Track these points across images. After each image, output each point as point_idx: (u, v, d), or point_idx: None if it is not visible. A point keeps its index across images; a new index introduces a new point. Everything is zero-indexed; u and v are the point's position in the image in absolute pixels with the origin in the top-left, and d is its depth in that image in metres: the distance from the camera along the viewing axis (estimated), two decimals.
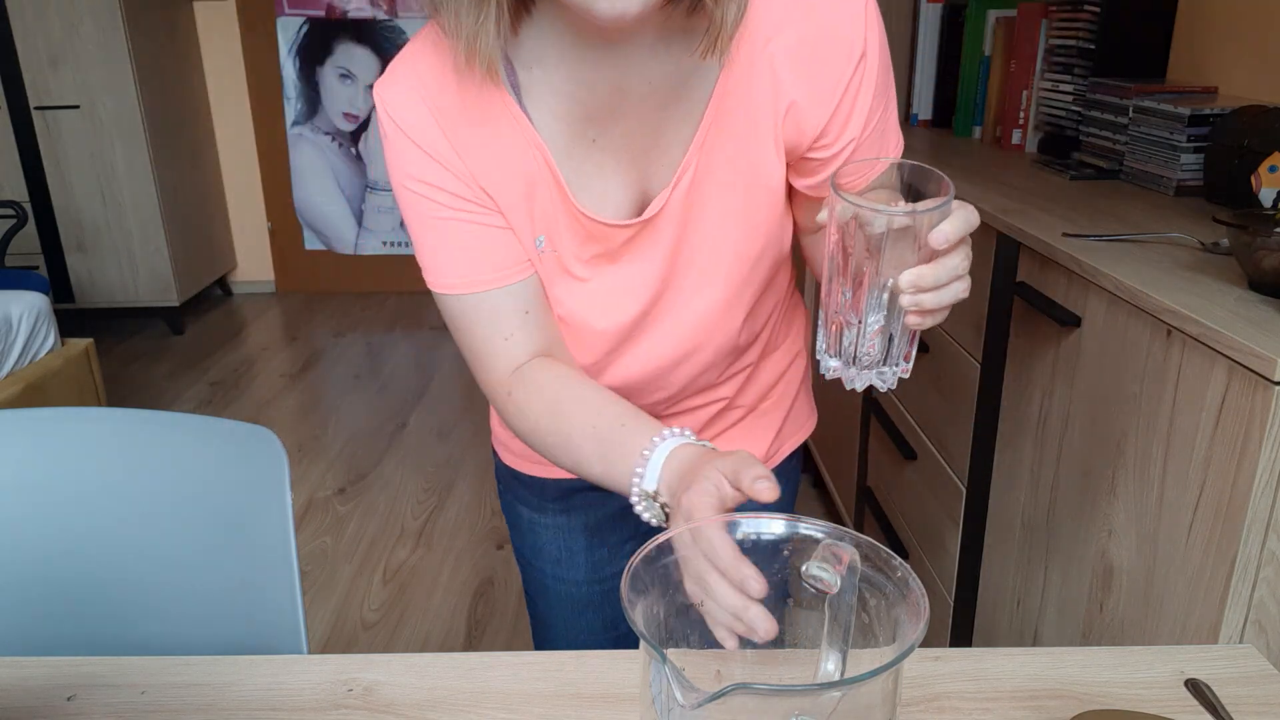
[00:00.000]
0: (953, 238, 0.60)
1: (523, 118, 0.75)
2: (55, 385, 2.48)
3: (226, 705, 0.69)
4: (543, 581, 1.06)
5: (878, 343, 0.66)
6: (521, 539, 1.07)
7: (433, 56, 0.74)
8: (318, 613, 2.19)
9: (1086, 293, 1.14)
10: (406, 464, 2.88)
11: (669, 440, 0.69)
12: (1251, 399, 0.86)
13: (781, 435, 1.03)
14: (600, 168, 0.78)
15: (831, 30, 0.73)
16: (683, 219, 0.79)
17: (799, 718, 0.48)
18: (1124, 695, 0.69)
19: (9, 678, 0.72)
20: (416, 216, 0.78)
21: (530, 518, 1.04)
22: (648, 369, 0.88)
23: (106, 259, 3.83)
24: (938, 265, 0.62)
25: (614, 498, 1.01)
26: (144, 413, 0.93)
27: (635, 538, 1.04)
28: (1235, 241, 1.02)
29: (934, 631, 1.65)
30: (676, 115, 0.76)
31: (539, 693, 0.70)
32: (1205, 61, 1.68)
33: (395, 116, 0.75)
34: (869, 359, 0.67)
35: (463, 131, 0.75)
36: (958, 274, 0.63)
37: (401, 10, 4.06)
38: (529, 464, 1.00)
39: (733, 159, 0.77)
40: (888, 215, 0.61)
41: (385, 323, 4.14)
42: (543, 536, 1.04)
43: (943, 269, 0.62)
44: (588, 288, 0.82)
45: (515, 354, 0.80)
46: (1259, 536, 0.89)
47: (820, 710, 0.48)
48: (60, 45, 3.55)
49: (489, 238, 0.78)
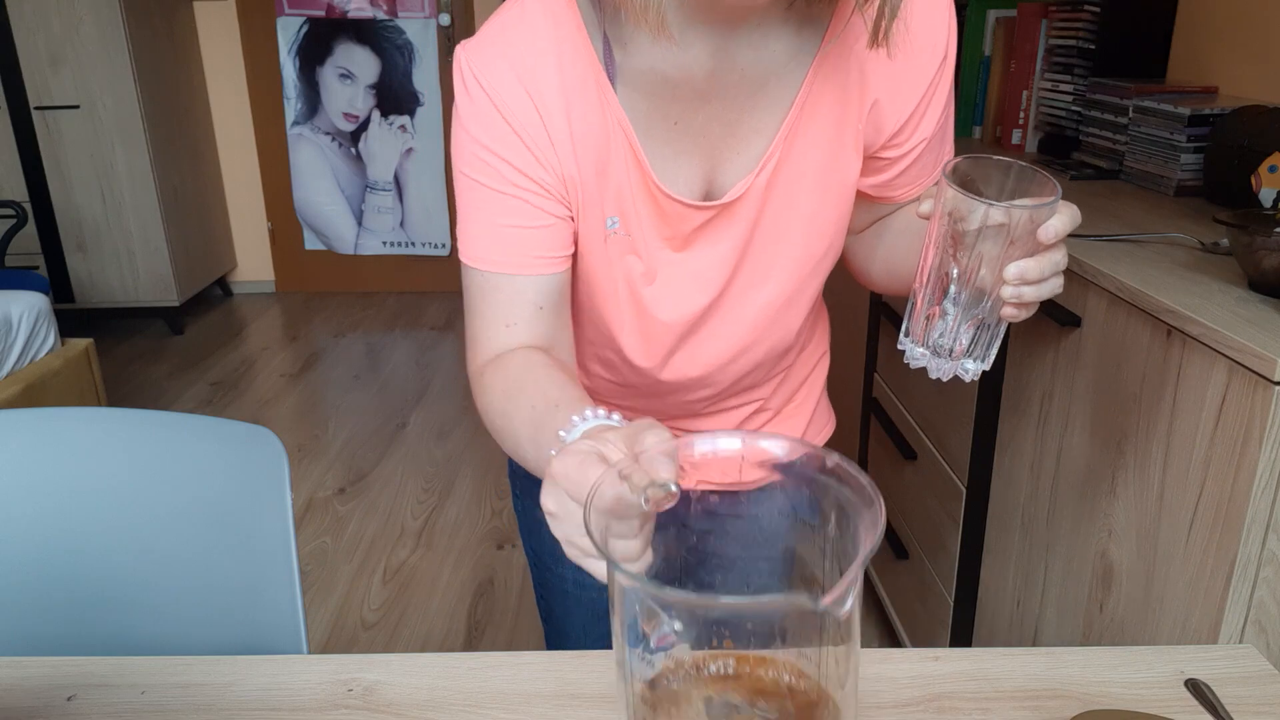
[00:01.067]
0: (1062, 233, 0.63)
1: (612, 95, 0.74)
2: (55, 385, 2.48)
3: (226, 705, 0.69)
4: (562, 587, 1.04)
5: (967, 336, 0.67)
6: (540, 543, 1.04)
7: (525, 26, 0.74)
8: (318, 613, 2.19)
9: (1086, 293, 1.14)
10: (406, 464, 2.88)
11: (589, 421, 0.65)
12: (1251, 399, 0.86)
13: (805, 437, 1.03)
14: (676, 151, 0.77)
15: (921, 31, 0.74)
16: (759, 208, 0.79)
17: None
18: (1124, 695, 0.69)
19: (9, 678, 0.72)
20: (470, 184, 0.77)
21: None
22: (706, 366, 0.88)
23: (106, 259, 3.83)
24: (1042, 259, 0.63)
25: None
26: (144, 413, 0.93)
27: (658, 547, 1.03)
28: (1235, 241, 1.02)
29: (934, 631, 1.65)
30: (762, 105, 0.76)
31: (539, 693, 0.70)
32: (1205, 61, 1.68)
33: (481, 79, 0.73)
34: (958, 350, 0.68)
35: (549, 101, 0.74)
36: (1059, 269, 0.65)
37: (401, 10, 4.06)
38: None
39: (814, 153, 0.78)
40: (1006, 209, 0.63)
41: (385, 323, 4.14)
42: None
43: (1047, 263, 0.64)
44: (659, 275, 0.81)
45: (509, 342, 0.80)
46: (1259, 536, 0.89)
47: None
48: (60, 45, 3.54)
49: (537, 223, 0.77)
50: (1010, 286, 0.64)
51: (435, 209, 4.32)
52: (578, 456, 0.55)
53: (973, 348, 0.68)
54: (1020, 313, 0.66)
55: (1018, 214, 0.63)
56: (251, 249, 4.47)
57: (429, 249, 4.39)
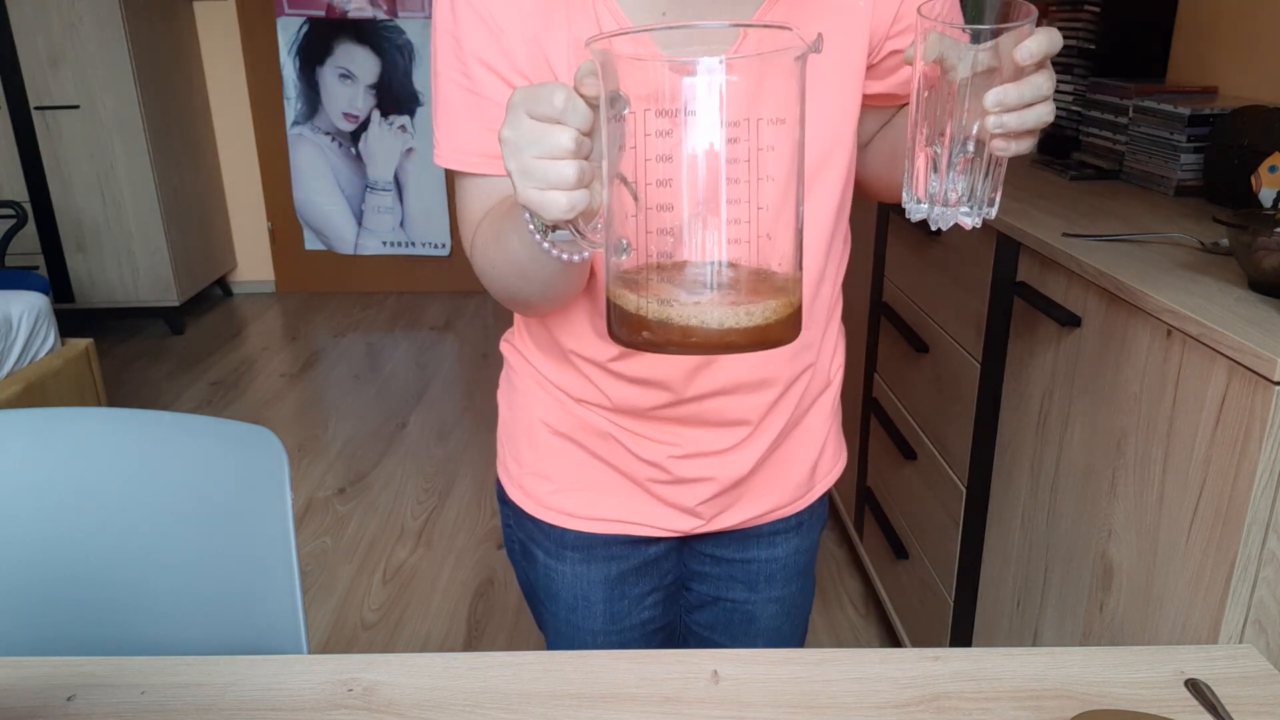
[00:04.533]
0: (1037, 54, 0.60)
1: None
2: (55, 385, 2.48)
3: (226, 705, 0.69)
4: (556, 625, 1.01)
5: (962, 182, 0.65)
6: (535, 579, 1.01)
7: None
8: (318, 613, 2.19)
9: (1086, 293, 1.14)
10: (406, 464, 2.88)
11: None
12: (1251, 399, 0.86)
13: (819, 467, 0.99)
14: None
15: None
16: None
17: None
18: (1124, 695, 0.69)
19: (9, 678, 0.72)
20: (453, 93, 0.77)
21: (545, 562, 0.98)
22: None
23: (106, 259, 3.83)
24: (1022, 84, 0.61)
25: (638, 548, 0.96)
26: (144, 413, 0.93)
27: (659, 589, 1.00)
28: (1235, 241, 1.02)
29: (934, 631, 1.65)
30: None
31: (539, 693, 0.70)
32: (1205, 61, 1.68)
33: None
34: (954, 196, 0.66)
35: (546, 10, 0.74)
36: (1042, 94, 0.62)
37: (401, 10, 4.06)
38: (549, 511, 0.95)
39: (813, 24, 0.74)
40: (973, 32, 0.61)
41: (385, 323, 4.14)
42: (558, 583, 0.98)
43: (1027, 87, 0.61)
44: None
45: None
46: (1259, 536, 0.89)
47: None
48: (60, 45, 3.55)
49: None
50: (993, 116, 0.61)
51: (435, 209, 4.32)
52: (533, 86, 0.56)
53: (970, 194, 0.66)
54: (1010, 144, 0.63)
55: (990, 42, 0.61)
56: (251, 249, 4.47)
57: (429, 249, 4.39)
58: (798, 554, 1.02)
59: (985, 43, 0.62)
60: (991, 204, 0.66)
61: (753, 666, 0.72)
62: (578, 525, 0.94)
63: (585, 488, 0.93)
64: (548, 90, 0.55)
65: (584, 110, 0.56)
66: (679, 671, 0.72)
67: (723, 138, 0.53)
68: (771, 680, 0.71)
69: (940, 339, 1.57)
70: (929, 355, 1.62)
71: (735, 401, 0.88)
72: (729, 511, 0.95)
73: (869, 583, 2.05)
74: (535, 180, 0.56)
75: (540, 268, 0.70)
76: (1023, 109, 0.61)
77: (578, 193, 0.56)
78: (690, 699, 0.69)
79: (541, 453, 0.94)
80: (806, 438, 0.96)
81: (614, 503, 0.94)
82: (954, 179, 0.65)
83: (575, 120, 0.56)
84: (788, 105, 0.55)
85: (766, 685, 0.70)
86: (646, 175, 0.55)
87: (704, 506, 0.93)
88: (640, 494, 0.93)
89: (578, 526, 0.94)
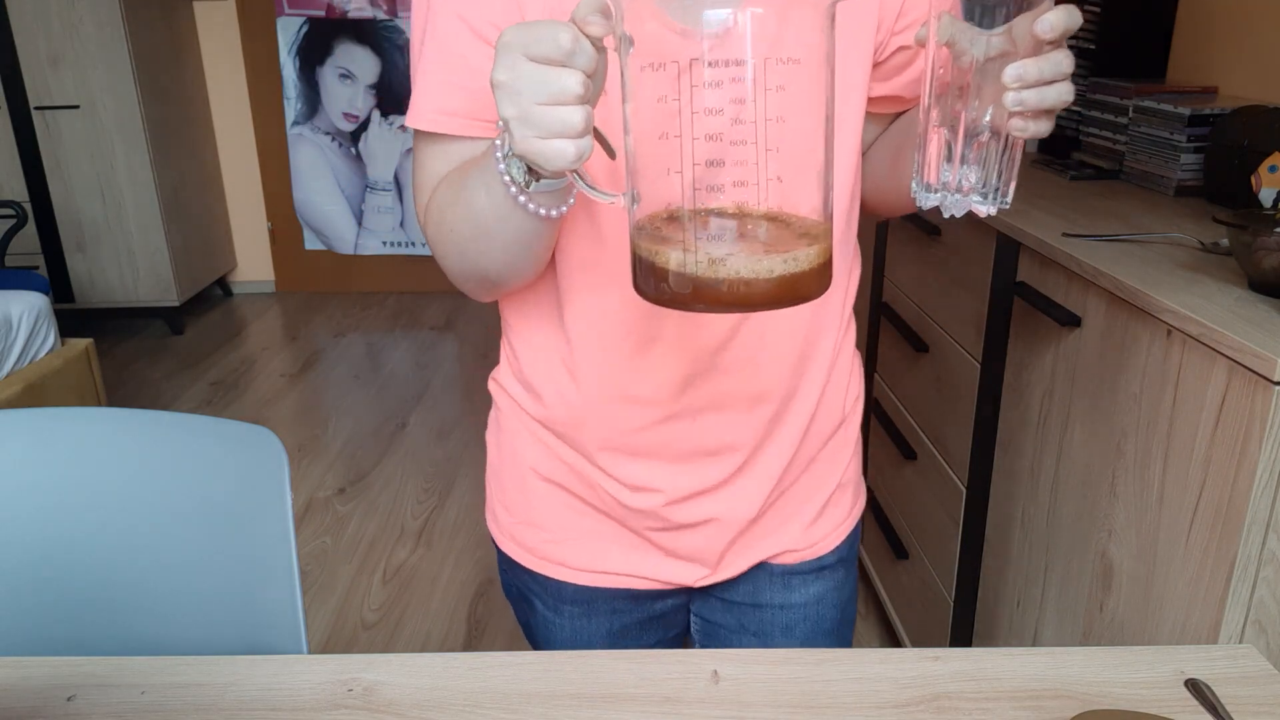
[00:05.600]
0: (1058, 27, 0.57)
1: None
2: (55, 385, 2.48)
3: (226, 705, 0.69)
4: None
5: (975, 169, 0.62)
6: (534, 625, 0.95)
7: None
8: (318, 613, 2.19)
9: (1086, 293, 1.14)
10: (406, 464, 2.88)
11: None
12: (1251, 399, 0.86)
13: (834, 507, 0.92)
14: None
15: None
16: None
17: None
18: (1124, 695, 0.69)
19: (9, 678, 0.72)
20: (423, 49, 0.72)
21: (543, 612, 0.92)
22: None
23: (106, 259, 3.83)
24: (1042, 60, 0.57)
25: (642, 604, 0.89)
26: (144, 413, 0.93)
27: (663, 643, 0.95)
28: (1235, 241, 1.02)
29: (934, 631, 1.65)
30: None
31: (539, 693, 0.70)
32: (1205, 61, 1.68)
33: None
34: (967, 184, 0.62)
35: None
36: (1062, 70, 0.58)
37: (401, 10, 4.06)
38: (544, 563, 0.90)
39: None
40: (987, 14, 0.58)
41: (385, 323, 4.14)
42: (556, 635, 0.92)
43: (1047, 63, 0.57)
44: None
45: None
46: (1259, 536, 0.89)
47: None
48: (60, 45, 3.54)
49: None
50: (1011, 93, 0.57)
51: None
52: (528, 23, 0.52)
53: (984, 181, 0.62)
54: (1028, 124, 0.59)
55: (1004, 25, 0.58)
56: (251, 249, 4.47)
57: (429, 249, 4.39)
58: (820, 605, 0.92)
59: (999, 26, 0.59)
60: (1006, 193, 0.63)
61: (753, 666, 0.72)
62: (576, 579, 0.88)
63: (581, 537, 0.87)
64: (550, 30, 0.51)
65: (591, 51, 0.52)
66: (679, 671, 0.72)
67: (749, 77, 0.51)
68: (771, 680, 0.71)
69: (940, 339, 1.57)
70: (929, 355, 1.62)
71: (727, 421, 0.81)
72: (740, 557, 0.88)
73: (869, 583, 2.05)
74: (538, 128, 0.52)
75: (505, 225, 0.65)
76: (1042, 86, 0.58)
77: (584, 139, 0.53)
78: (690, 699, 0.69)
79: (532, 500, 0.88)
80: (821, 476, 0.89)
81: (614, 554, 0.87)
82: (967, 166, 0.62)
83: (582, 62, 0.52)
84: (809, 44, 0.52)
85: (766, 685, 0.70)
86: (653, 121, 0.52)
87: (709, 553, 0.87)
88: (640, 543, 0.87)
89: (576, 580, 0.88)
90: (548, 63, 0.51)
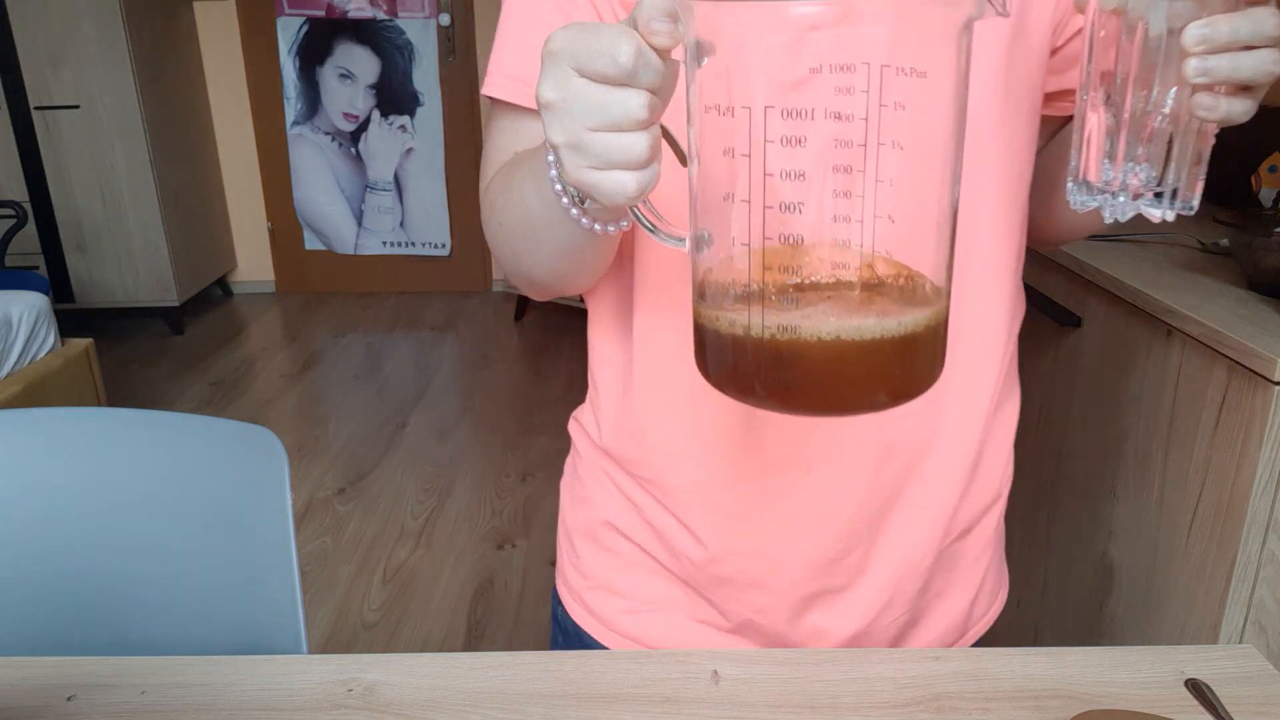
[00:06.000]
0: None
1: None
2: (55, 385, 2.48)
3: (226, 705, 0.69)
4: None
5: (1144, 169, 0.49)
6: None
7: None
8: (318, 613, 2.19)
9: (1086, 293, 1.14)
10: (406, 464, 2.88)
11: None
12: (1251, 399, 0.86)
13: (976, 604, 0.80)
14: None
15: None
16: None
17: None
18: (1124, 695, 0.69)
19: (9, 678, 0.72)
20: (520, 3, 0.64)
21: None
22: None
23: (106, 259, 3.83)
24: (1237, 16, 0.44)
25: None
26: (144, 413, 0.93)
27: None
28: (1235, 241, 1.02)
29: None
30: None
31: (539, 693, 0.70)
32: None
33: None
34: (1136, 183, 0.49)
35: None
36: (1265, 32, 0.45)
37: (401, 10, 4.06)
38: (614, 635, 0.78)
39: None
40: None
41: (385, 323, 4.14)
42: None
43: (1244, 21, 0.44)
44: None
45: None
46: (1259, 536, 0.89)
47: None
48: (60, 45, 3.54)
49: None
50: (1195, 59, 0.44)
51: (435, 209, 4.32)
52: (579, 26, 0.43)
53: (1158, 179, 0.49)
54: (1218, 104, 0.46)
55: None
56: (251, 249, 4.47)
57: (429, 249, 4.39)
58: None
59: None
60: (1190, 194, 0.49)
61: (753, 666, 0.72)
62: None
63: (669, 608, 0.75)
64: (608, 40, 0.42)
65: (657, 65, 0.42)
66: (679, 671, 0.72)
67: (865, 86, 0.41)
68: (771, 680, 0.71)
69: None
70: None
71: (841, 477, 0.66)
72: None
73: None
74: (593, 157, 0.44)
75: (554, 232, 0.56)
76: (1238, 51, 0.45)
77: (648, 171, 0.44)
78: (690, 699, 0.69)
79: (611, 562, 0.76)
80: (967, 566, 0.76)
81: (691, 631, 0.75)
82: (1135, 156, 0.49)
83: (647, 79, 0.42)
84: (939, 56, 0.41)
85: (766, 685, 0.70)
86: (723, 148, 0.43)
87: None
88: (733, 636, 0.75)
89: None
90: (605, 81, 0.43)
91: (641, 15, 0.42)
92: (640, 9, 0.42)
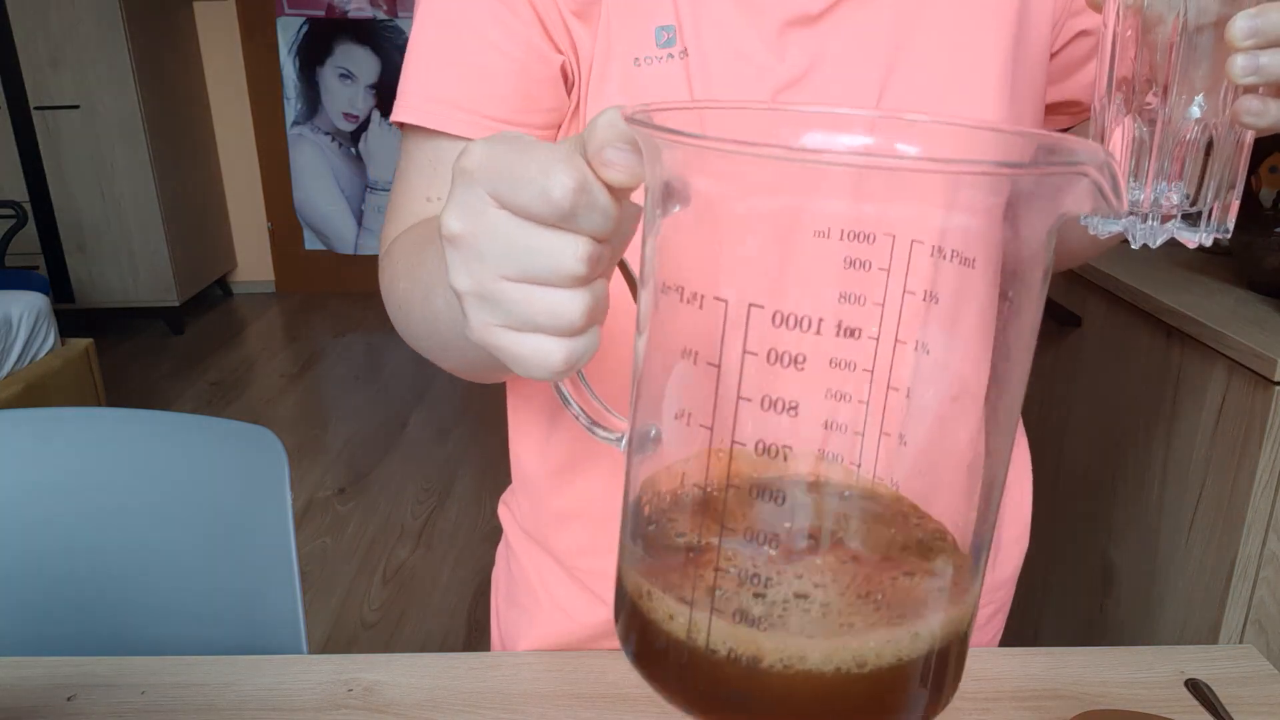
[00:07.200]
0: None
1: None
2: (55, 385, 2.48)
3: (226, 705, 0.69)
4: None
5: (1177, 190, 0.42)
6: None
7: None
8: (318, 613, 2.19)
9: (1086, 293, 1.14)
10: (406, 464, 2.88)
11: None
12: (1251, 399, 0.86)
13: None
14: None
15: None
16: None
17: None
18: (1124, 695, 0.69)
19: (9, 678, 0.72)
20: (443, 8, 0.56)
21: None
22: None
23: (106, 259, 3.83)
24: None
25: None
26: (144, 413, 0.93)
27: None
28: (1235, 241, 1.02)
29: None
30: None
31: (539, 693, 0.70)
32: None
33: None
34: (1167, 204, 0.42)
35: None
36: None
37: (401, 10, 4.06)
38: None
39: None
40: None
41: (385, 323, 4.11)
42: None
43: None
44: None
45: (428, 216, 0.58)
46: (1259, 536, 0.89)
47: None
48: (60, 45, 3.54)
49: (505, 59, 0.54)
50: (1242, 57, 0.38)
51: None
52: (507, 141, 0.32)
53: (1190, 199, 0.42)
54: (1268, 108, 0.39)
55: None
56: (251, 249, 4.47)
57: None
58: None
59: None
60: (1226, 216, 0.42)
61: None
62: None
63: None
64: (540, 163, 0.31)
65: (606, 209, 0.31)
66: None
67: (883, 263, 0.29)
68: None
69: None
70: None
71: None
72: None
73: None
74: (507, 315, 0.32)
75: (465, 351, 0.48)
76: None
77: (582, 339, 0.33)
78: None
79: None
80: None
81: None
82: (1166, 172, 0.42)
83: (591, 224, 0.31)
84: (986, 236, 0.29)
85: None
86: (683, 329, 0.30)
87: None
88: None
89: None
90: (532, 218, 0.31)
91: (593, 140, 0.31)
92: (592, 131, 0.31)
